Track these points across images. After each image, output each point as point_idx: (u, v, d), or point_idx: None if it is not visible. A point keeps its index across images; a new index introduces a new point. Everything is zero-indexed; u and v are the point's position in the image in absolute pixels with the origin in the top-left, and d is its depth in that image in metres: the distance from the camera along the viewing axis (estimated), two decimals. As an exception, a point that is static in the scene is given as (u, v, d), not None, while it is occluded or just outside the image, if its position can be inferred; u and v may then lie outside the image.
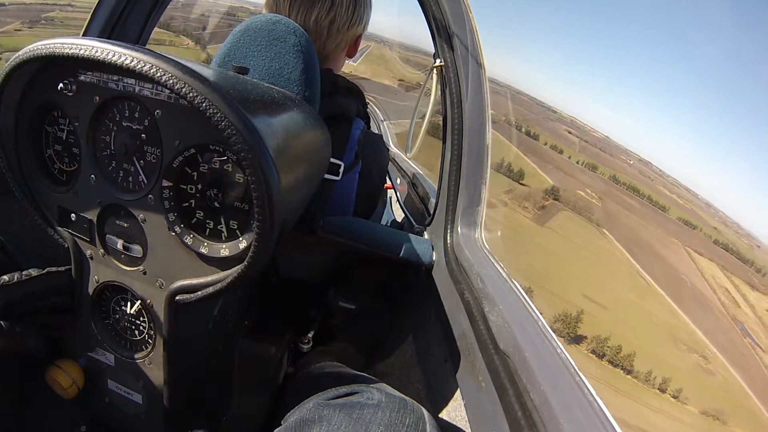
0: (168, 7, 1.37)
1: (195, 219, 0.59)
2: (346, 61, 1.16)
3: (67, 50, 0.50)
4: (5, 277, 0.63)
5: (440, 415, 0.82)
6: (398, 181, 2.30)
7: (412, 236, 1.07)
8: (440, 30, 1.04)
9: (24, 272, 0.64)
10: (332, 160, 0.91)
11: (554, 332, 0.69)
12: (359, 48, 1.15)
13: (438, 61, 1.07)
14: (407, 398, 0.61)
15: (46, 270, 0.66)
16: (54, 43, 0.51)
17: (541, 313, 0.76)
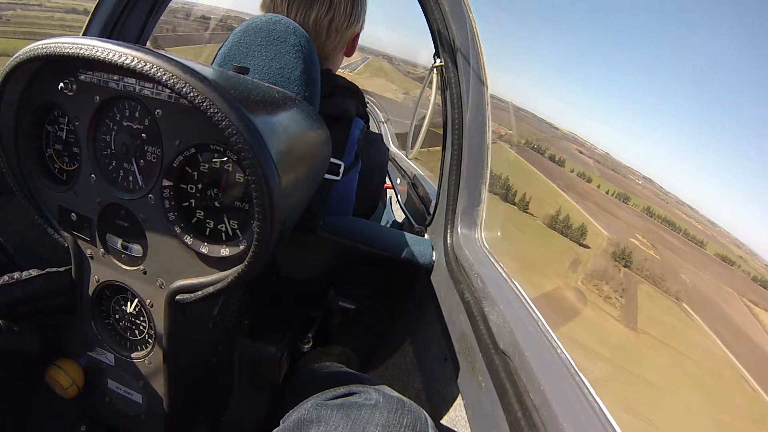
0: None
1: (195, 219, 0.59)
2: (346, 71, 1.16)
3: (67, 50, 0.50)
4: (5, 277, 0.63)
5: (440, 416, 0.82)
6: (398, 181, 2.30)
7: (412, 236, 1.07)
8: (440, 29, 1.03)
9: (24, 272, 0.64)
10: (332, 160, 0.91)
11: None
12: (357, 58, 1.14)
13: (438, 60, 1.07)
14: (405, 399, 0.60)
15: (46, 270, 0.66)
16: (54, 43, 0.51)
17: (540, 313, 0.76)
